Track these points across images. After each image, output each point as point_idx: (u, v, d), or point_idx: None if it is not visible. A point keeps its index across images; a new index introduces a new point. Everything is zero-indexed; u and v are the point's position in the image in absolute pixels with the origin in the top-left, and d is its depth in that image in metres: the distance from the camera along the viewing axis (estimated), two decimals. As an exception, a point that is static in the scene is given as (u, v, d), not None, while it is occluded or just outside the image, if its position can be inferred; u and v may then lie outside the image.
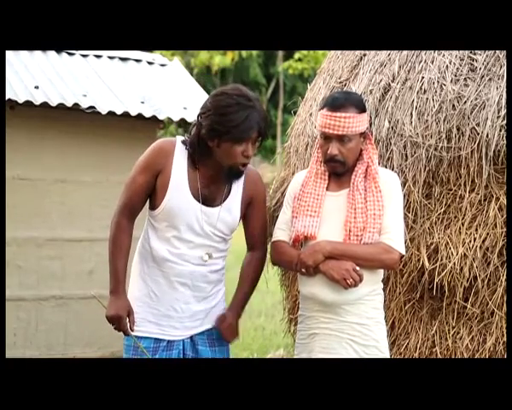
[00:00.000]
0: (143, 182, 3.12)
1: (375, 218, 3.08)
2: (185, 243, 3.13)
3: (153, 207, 3.16)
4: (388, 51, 4.01)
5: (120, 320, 3.09)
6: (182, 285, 3.15)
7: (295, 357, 3.27)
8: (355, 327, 3.11)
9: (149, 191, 3.14)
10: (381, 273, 3.22)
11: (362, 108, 3.16)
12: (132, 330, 3.10)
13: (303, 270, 3.11)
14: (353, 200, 3.11)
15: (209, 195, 3.14)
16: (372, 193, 3.12)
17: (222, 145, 3.05)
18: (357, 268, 3.04)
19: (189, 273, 3.14)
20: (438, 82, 3.75)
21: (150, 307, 3.16)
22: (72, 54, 5.87)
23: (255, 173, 3.30)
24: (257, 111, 3.03)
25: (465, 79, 3.73)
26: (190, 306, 3.17)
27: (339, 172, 3.16)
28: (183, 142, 3.15)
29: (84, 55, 5.91)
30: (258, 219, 3.29)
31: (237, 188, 3.21)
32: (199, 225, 3.12)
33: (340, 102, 3.12)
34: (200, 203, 3.11)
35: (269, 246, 3.44)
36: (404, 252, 3.17)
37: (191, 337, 3.19)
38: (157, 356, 3.14)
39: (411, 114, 3.74)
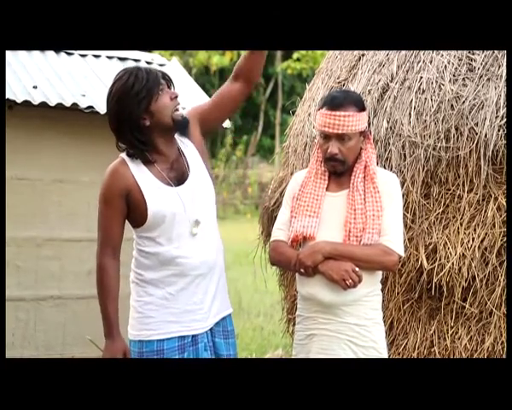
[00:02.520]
0: (115, 212, 3.08)
1: (373, 219, 3.08)
2: (185, 233, 3.09)
3: (139, 223, 3.10)
4: (387, 51, 4.02)
5: None
6: (198, 277, 3.11)
7: (293, 357, 3.27)
8: (353, 328, 3.10)
9: (124, 217, 3.10)
10: (379, 274, 3.22)
11: (361, 107, 3.14)
12: None
13: (302, 270, 3.10)
14: (353, 201, 3.10)
15: (177, 174, 3.12)
16: (371, 194, 3.11)
17: (153, 110, 3.05)
18: (357, 269, 3.04)
19: (203, 263, 3.12)
20: (436, 82, 3.76)
21: (167, 308, 3.10)
22: (71, 54, 5.87)
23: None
24: (142, 66, 3.13)
25: (463, 79, 3.74)
26: (208, 295, 3.15)
27: (339, 171, 3.15)
28: (128, 154, 3.13)
29: (82, 55, 5.90)
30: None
31: (189, 150, 3.19)
32: (188, 204, 3.09)
33: (340, 100, 3.11)
34: (176, 186, 3.08)
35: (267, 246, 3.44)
36: (403, 254, 3.16)
37: (211, 329, 3.17)
38: (185, 354, 3.10)
39: (410, 114, 3.74)
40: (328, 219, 3.13)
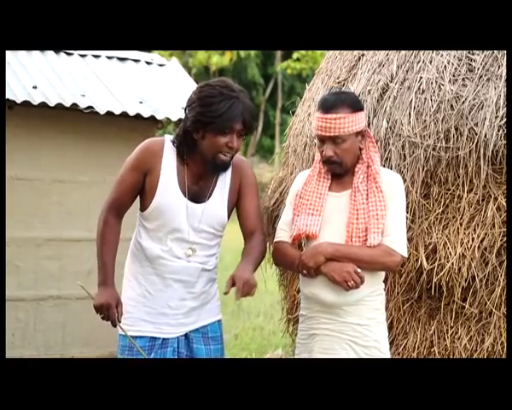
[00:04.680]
0: (132, 181, 3.14)
1: (377, 218, 3.07)
2: (176, 241, 3.13)
3: (143, 207, 3.17)
4: (386, 51, 4.01)
5: (109, 308, 3.06)
6: (176, 282, 3.15)
7: (295, 357, 3.27)
8: (356, 328, 3.10)
9: (138, 190, 3.16)
10: (382, 274, 3.22)
11: (356, 108, 3.12)
12: (120, 321, 3.09)
13: (304, 271, 3.11)
14: (355, 201, 3.10)
15: (199, 191, 3.14)
16: (373, 193, 3.11)
17: (206, 136, 3.06)
18: (359, 270, 3.03)
19: (183, 269, 3.14)
20: (436, 82, 3.76)
21: (145, 306, 3.16)
22: (71, 54, 5.86)
23: (240, 160, 3.27)
24: (241, 102, 3.04)
25: (463, 79, 3.73)
26: (186, 302, 3.17)
27: (338, 172, 3.16)
28: (172, 141, 3.17)
29: (82, 56, 5.90)
30: (250, 203, 3.23)
31: (224, 180, 3.20)
32: (188, 221, 3.12)
33: (331, 103, 3.11)
34: (188, 199, 3.11)
35: (267, 246, 3.43)
36: (405, 254, 3.16)
37: (186, 335, 3.19)
38: (152, 355, 3.13)
39: (409, 114, 3.74)
40: (330, 220, 3.13)
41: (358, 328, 3.10)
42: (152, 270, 3.15)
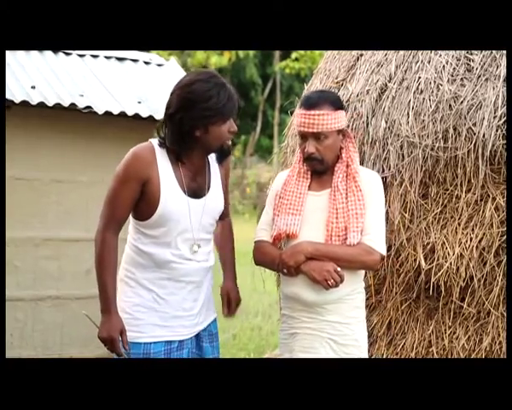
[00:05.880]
0: (129, 194, 3.04)
1: (357, 217, 3.10)
2: (186, 241, 3.11)
3: (145, 217, 3.08)
4: (385, 51, 4.02)
5: (113, 342, 3.03)
6: (188, 284, 3.13)
7: (278, 357, 3.28)
8: (336, 326, 3.12)
9: (135, 201, 3.06)
10: (362, 273, 3.24)
11: (337, 106, 3.18)
12: (126, 350, 3.06)
13: (284, 270, 3.12)
14: (334, 200, 3.13)
15: (197, 187, 3.13)
16: (353, 193, 3.14)
17: (210, 129, 3.03)
18: (339, 269, 3.05)
19: (195, 271, 3.13)
20: (434, 82, 3.76)
21: (157, 311, 3.10)
22: (69, 54, 5.87)
23: None
24: (229, 86, 3.07)
25: (462, 79, 3.74)
26: (198, 302, 3.17)
27: (318, 170, 3.19)
28: (159, 143, 3.10)
29: (80, 55, 5.90)
30: (226, 189, 3.31)
31: (215, 168, 3.21)
32: (193, 219, 3.11)
33: (314, 100, 3.16)
34: (189, 197, 3.09)
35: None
36: (384, 253, 3.18)
37: (197, 334, 3.19)
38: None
39: (408, 114, 3.74)
40: (310, 219, 3.16)
41: (338, 326, 3.12)
42: (163, 275, 3.10)
